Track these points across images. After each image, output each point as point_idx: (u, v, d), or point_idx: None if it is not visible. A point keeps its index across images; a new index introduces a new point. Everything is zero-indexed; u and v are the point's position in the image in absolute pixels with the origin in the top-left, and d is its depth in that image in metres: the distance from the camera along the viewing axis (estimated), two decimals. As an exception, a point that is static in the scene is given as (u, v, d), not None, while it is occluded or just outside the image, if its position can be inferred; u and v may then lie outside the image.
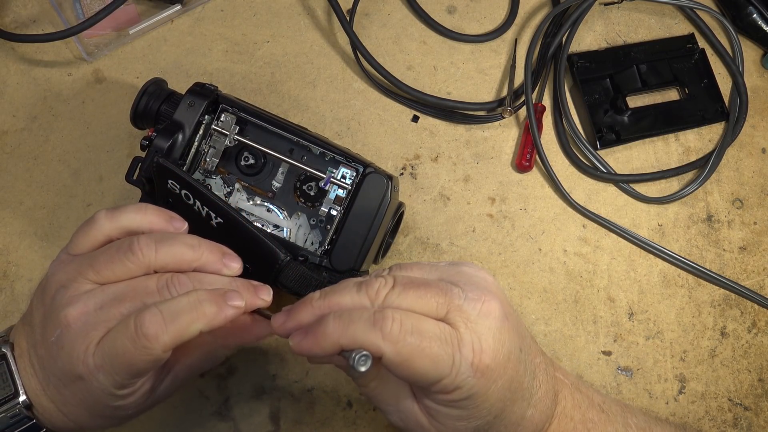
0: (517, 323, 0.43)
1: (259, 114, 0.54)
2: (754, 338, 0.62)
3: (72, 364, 0.42)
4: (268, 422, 0.56)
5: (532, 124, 0.63)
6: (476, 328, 0.40)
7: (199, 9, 0.67)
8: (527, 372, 0.43)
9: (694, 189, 0.65)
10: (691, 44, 0.70)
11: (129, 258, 0.43)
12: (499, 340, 0.41)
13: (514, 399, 0.42)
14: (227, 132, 0.54)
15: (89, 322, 0.42)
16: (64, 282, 0.44)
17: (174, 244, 0.44)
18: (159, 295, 0.43)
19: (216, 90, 0.54)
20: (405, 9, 0.69)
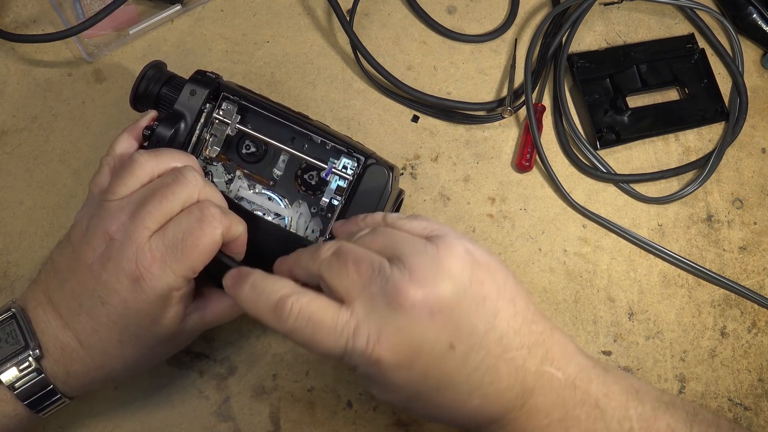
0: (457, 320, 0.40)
1: (260, 103, 0.54)
2: (754, 338, 0.62)
3: (123, 270, 0.44)
4: (268, 422, 0.56)
5: (532, 124, 0.63)
6: (379, 321, 0.40)
7: (199, 9, 0.67)
8: (467, 366, 0.41)
9: (694, 189, 0.65)
10: (691, 44, 0.70)
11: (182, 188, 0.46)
12: (407, 336, 0.40)
13: (440, 388, 0.41)
14: (228, 121, 0.54)
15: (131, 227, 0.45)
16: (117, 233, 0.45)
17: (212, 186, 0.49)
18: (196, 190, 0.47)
19: (218, 78, 0.54)
20: (405, 9, 0.69)
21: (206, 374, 0.57)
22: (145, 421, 0.55)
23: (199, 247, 0.45)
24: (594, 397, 0.43)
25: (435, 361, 0.40)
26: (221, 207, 0.47)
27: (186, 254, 0.45)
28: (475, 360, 0.41)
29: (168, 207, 0.46)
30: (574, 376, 0.44)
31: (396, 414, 0.57)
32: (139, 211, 0.45)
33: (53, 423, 0.55)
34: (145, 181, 0.47)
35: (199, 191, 0.47)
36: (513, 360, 0.42)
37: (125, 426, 0.55)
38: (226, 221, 0.46)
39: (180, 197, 0.46)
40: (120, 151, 0.51)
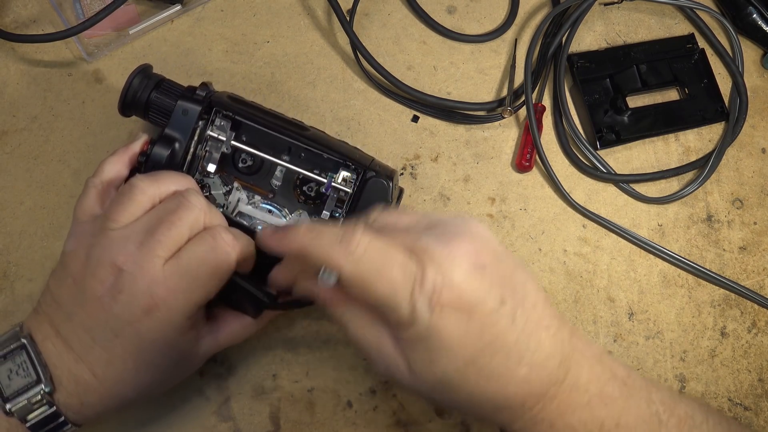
0: (503, 276, 0.41)
1: (253, 116, 0.54)
2: (754, 338, 0.62)
3: (136, 301, 0.44)
4: (268, 422, 0.56)
5: (532, 124, 0.63)
6: (441, 269, 0.40)
7: (199, 9, 0.67)
8: (515, 327, 0.41)
9: (694, 189, 0.65)
10: (691, 44, 0.70)
11: (188, 213, 0.46)
12: (468, 285, 0.40)
13: (493, 351, 0.41)
14: (223, 138, 0.53)
15: (141, 258, 0.44)
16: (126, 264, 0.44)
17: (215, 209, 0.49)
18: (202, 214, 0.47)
19: (209, 93, 0.53)
20: (405, 9, 0.69)
21: (206, 374, 0.57)
22: (146, 421, 0.55)
23: (215, 275, 0.45)
24: (621, 377, 0.44)
25: (489, 316, 0.40)
26: (232, 231, 0.47)
27: (201, 283, 0.45)
28: (521, 321, 0.41)
29: (177, 234, 0.45)
30: (598, 354, 0.44)
31: (396, 414, 0.57)
32: (148, 240, 0.45)
33: (53, 423, 0.55)
34: (147, 207, 0.47)
35: (204, 214, 0.47)
36: (549, 328, 0.42)
37: (125, 426, 0.55)
38: (238, 246, 0.46)
39: (187, 222, 0.46)
40: (109, 176, 0.50)
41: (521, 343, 0.41)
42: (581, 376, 0.43)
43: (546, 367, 0.42)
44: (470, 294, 0.40)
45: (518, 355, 0.41)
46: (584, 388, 0.43)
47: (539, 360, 0.42)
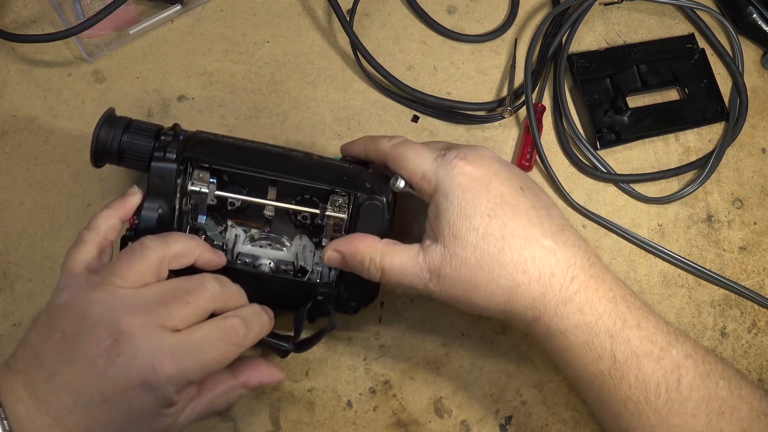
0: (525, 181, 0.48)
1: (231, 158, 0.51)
2: (754, 338, 0.62)
3: (136, 368, 0.41)
4: (268, 422, 0.56)
5: (532, 124, 0.63)
6: (464, 150, 0.48)
7: (199, 9, 0.67)
8: (535, 210, 0.46)
9: (694, 189, 0.65)
10: (691, 44, 0.70)
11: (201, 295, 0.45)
12: (487, 162, 0.47)
13: (514, 212, 0.46)
14: (206, 190, 0.51)
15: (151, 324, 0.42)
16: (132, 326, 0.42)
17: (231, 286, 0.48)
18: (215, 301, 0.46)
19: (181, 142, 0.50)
20: (405, 9, 0.69)
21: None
22: (145, 421, 0.55)
23: (220, 362, 0.44)
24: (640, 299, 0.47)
25: (509, 188, 0.47)
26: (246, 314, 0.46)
27: (205, 364, 0.43)
28: (542, 211, 0.47)
29: (191, 313, 0.44)
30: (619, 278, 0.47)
31: (396, 414, 0.57)
32: (160, 310, 0.43)
33: (53, 423, 0.55)
34: (156, 268, 0.45)
35: (218, 300, 0.46)
36: (573, 233, 0.47)
37: (125, 426, 0.55)
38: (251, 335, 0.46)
39: (203, 306, 0.45)
40: (105, 229, 0.48)
41: (543, 221, 0.46)
42: (606, 276, 0.46)
43: (571, 250, 0.46)
44: (490, 168, 0.47)
45: (541, 228, 0.46)
46: (609, 286, 0.46)
47: (564, 241, 0.46)
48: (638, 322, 0.45)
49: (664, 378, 0.44)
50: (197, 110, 0.64)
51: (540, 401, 0.58)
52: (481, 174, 0.46)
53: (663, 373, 0.44)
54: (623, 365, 0.44)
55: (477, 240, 0.45)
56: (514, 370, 0.59)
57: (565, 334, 0.45)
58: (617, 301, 0.45)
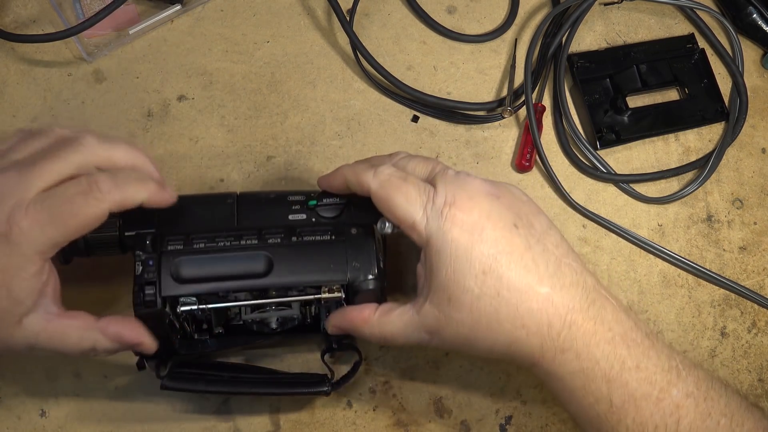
0: (519, 211, 0.46)
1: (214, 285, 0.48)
2: (754, 338, 0.62)
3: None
4: (268, 422, 0.56)
5: (532, 124, 0.63)
6: (453, 188, 0.45)
7: (199, 9, 0.67)
8: (531, 250, 0.45)
9: (694, 189, 0.65)
10: (691, 44, 0.70)
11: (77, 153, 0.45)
12: (477, 202, 0.45)
13: (510, 262, 0.44)
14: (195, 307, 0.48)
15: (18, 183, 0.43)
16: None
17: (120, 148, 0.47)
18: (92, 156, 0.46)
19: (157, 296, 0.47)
20: (405, 9, 0.69)
21: (206, 374, 0.57)
22: (146, 421, 0.55)
23: (78, 217, 0.43)
24: (643, 329, 0.45)
25: (503, 231, 0.45)
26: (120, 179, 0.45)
27: (62, 221, 0.43)
28: (538, 247, 0.45)
29: (59, 168, 0.44)
30: (624, 308, 0.46)
31: (396, 414, 0.57)
32: (29, 168, 0.44)
33: (53, 423, 0.55)
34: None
35: (97, 157, 0.46)
36: (571, 266, 0.46)
37: (126, 426, 0.55)
38: (118, 195, 0.44)
39: (74, 161, 0.45)
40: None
41: (540, 264, 0.44)
42: (606, 314, 0.45)
43: (569, 292, 0.44)
44: (481, 210, 0.45)
45: (537, 275, 0.44)
46: (608, 326, 0.44)
47: (561, 284, 0.44)
48: (637, 363, 0.44)
49: (663, 420, 0.43)
50: (197, 110, 0.64)
51: (540, 401, 0.58)
52: (473, 221, 0.44)
53: (661, 416, 0.43)
54: (620, 409, 0.43)
55: (472, 301, 0.44)
56: (514, 370, 0.59)
57: (562, 379, 0.45)
58: (616, 343, 0.44)
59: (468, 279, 0.44)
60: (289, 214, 0.51)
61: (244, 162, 0.63)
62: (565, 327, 0.44)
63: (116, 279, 0.57)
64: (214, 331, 0.52)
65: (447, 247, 0.44)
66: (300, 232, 0.49)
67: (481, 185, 0.46)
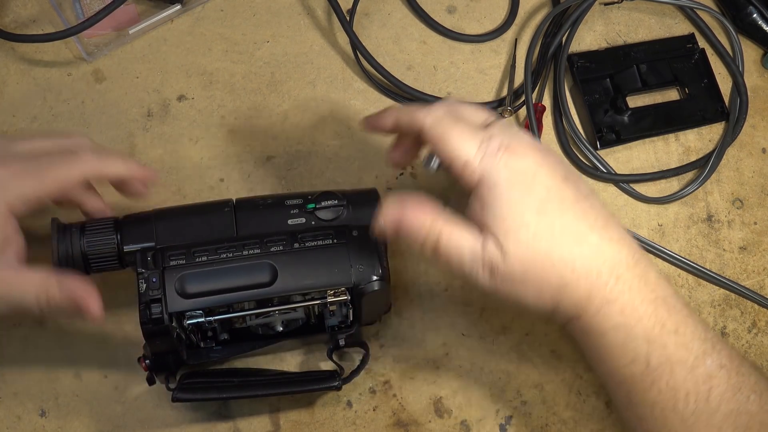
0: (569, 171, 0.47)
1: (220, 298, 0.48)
2: (754, 338, 0.62)
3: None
4: (268, 422, 0.56)
5: (532, 123, 0.63)
6: (508, 135, 0.45)
7: (199, 9, 0.67)
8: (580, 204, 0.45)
9: (694, 189, 0.65)
10: (691, 44, 0.70)
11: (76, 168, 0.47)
12: (531, 151, 0.45)
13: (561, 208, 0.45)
14: (202, 319, 0.48)
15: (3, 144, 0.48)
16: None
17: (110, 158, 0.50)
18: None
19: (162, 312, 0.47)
20: (405, 9, 0.69)
21: (206, 374, 0.57)
22: (145, 421, 0.55)
23: (54, 173, 0.46)
24: (682, 300, 0.46)
25: (555, 180, 0.45)
26: (102, 150, 0.49)
27: (37, 175, 0.45)
28: (587, 202, 0.46)
29: (45, 145, 0.48)
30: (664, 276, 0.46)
31: (396, 414, 0.57)
32: (17, 140, 0.48)
33: (53, 423, 0.55)
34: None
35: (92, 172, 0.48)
36: (617, 224, 0.46)
37: (126, 426, 0.55)
38: (96, 161, 0.47)
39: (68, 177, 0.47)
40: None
41: (589, 215, 0.45)
42: (650, 276, 0.45)
43: (617, 246, 0.45)
44: (535, 158, 0.45)
45: (587, 223, 0.45)
46: (652, 287, 0.45)
47: (610, 237, 0.45)
48: (676, 328, 0.44)
49: (695, 388, 0.43)
50: (197, 110, 0.64)
51: (540, 401, 0.58)
52: (526, 166, 0.45)
53: (694, 383, 0.43)
54: (656, 371, 0.44)
55: (528, 238, 0.44)
56: (514, 370, 0.59)
57: (604, 334, 0.45)
58: (658, 304, 0.44)
59: (526, 215, 0.44)
60: (289, 219, 0.50)
61: (244, 162, 0.63)
62: (613, 278, 0.44)
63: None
64: (219, 338, 0.52)
65: (502, 184, 0.44)
66: (301, 237, 0.49)
67: (534, 141, 0.47)
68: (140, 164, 0.52)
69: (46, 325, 0.57)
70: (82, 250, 0.48)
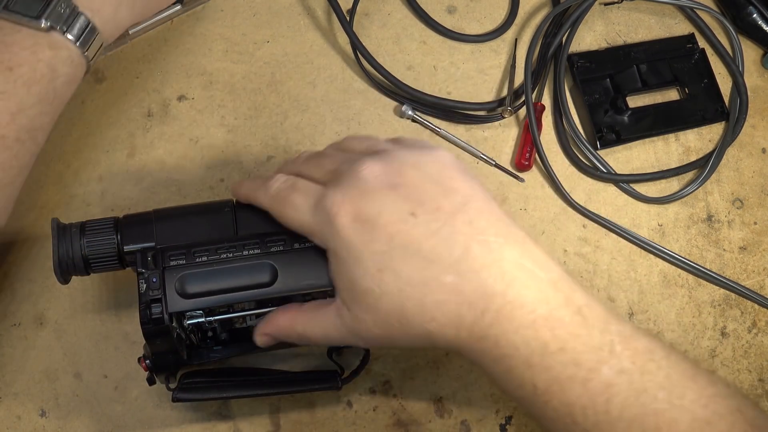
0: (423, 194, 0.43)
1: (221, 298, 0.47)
2: (754, 338, 0.62)
3: None
4: (268, 422, 0.56)
5: (532, 123, 0.63)
6: (345, 185, 0.43)
7: (199, 9, 0.67)
8: (432, 237, 0.42)
9: (694, 189, 0.65)
10: (691, 44, 0.70)
11: None
12: (368, 198, 0.43)
13: (405, 255, 0.42)
14: (206, 323, 0.48)
15: None
16: None
17: None
18: None
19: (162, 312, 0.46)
20: (405, 9, 0.69)
21: (206, 374, 0.57)
22: (146, 421, 0.56)
23: None
24: (576, 304, 0.42)
25: (398, 223, 0.42)
26: None
27: None
28: (441, 232, 0.42)
29: None
30: (555, 279, 0.43)
31: (396, 414, 0.57)
32: None
33: (53, 423, 0.55)
34: None
35: None
36: (487, 243, 0.42)
37: (126, 426, 0.55)
38: None
39: None
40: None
41: (442, 251, 0.41)
42: (527, 296, 0.41)
43: (480, 277, 0.41)
44: (371, 206, 0.42)
45: (440, 263, 0.41)
46: (530, 308, 0.41)
47: (469, 268, 0.41)
48: (562, 346, 0.41)
49: (591, 401, 0.41)
50: (197, 110, 0.64)
51: (540, 401, 0.58)
52: (364, 217, 0.42)
53: (590, 396, 0.41)
54: (545, 392, 0.41)
55: (375, 301, 0.42)
56: (514, 370, 0.59)
57: (484, 366, 0.43)
58: (537, 326, 0.41)
59: (365, 279, 0.42)
60: None
61: (244, 162, 0.63)
62: (478, 315, 0.41)
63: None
64: (219, 339, 0.52)
65: (340, 248, 0.43)
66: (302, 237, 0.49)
67: (380, 174, 0.43)
68: None
69: (46, 325, 0.57)
70: (82, 250, 0.48)
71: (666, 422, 0.40)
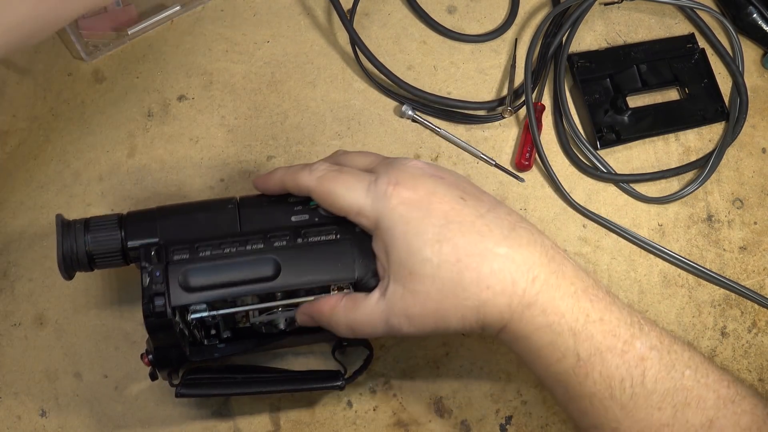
0: (465, 188, 0.46)
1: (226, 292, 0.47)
2: (755, 338, 0.62)
3: None
4: (268, 422, 0.56)
5: (532, 123, 0.63)
6: (395, 171, 0.46)
7: (199, 9, 0.67)
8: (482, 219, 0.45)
9: (694, 189, 0.65)
10: (691, 44, 0.70)
11: None
12: (421, 181, 0.45)
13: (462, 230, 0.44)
14: (206, 313, 0.48)
15: None
16: None
17: None
18: None
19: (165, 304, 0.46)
20: (405, 9, 0.69)
21: (206, 374, 0.57)
22: (146, 420, 0.56)
23: None
24: (603, 289, 0.46)
25: (451, 202, 0.45)
26: None
27: None
28: (488, 216, 0.45)
29: None
30: (579, 266, 0.46)
31: (396, 414, 0.57)
32: None
33: (53, 423, 0.55)
34: None
35: None
36: (526, 228, 0.46)
37: (126, 426, 0.55)
38: None
39: None
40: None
41: (494, 229, 0.45)
42: (567, 270, 0.45)
43: (528, 250, 0.45)
44: (426, 188, 0.45)
45: (492, 238, 0.44)
46: (570, 281, 0.45)
47: (518, 243, 0.45)
48: (601, 316, 0.44)
49: (629, 372, 0.43)
50: (197, 110, 0.64)
51: (540, 401, 0.58)
52: (419, 196, 0.45)
53: (627, 368, 0.43)
54: (587, 362, 0.44)
55: (433, 270, 0.44)
56: (514, 370, 0.59)
57: (530, 337, 0.45)
58: (579, 296, 0.44)
59: (424, 249, 0.44)
60: (292, 216, 0.50)
61: (244, 162, 0.63)
62: (529, 282, 0.44)
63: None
64: (222, 336, 0.52)
65: (397, 223, 0.44)
66: (305, 233, 0.49)
67: (423, 167, 0.47)
68: None
69: (46, 325, 0.57)
70: (87, 246, 0.48)
71: (694, 398, 0.43)
